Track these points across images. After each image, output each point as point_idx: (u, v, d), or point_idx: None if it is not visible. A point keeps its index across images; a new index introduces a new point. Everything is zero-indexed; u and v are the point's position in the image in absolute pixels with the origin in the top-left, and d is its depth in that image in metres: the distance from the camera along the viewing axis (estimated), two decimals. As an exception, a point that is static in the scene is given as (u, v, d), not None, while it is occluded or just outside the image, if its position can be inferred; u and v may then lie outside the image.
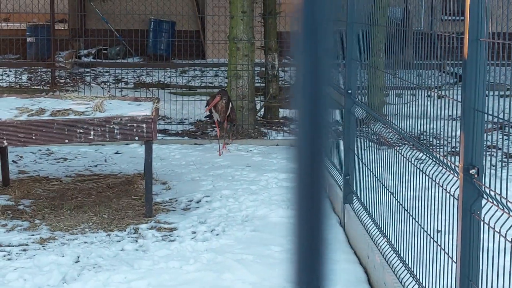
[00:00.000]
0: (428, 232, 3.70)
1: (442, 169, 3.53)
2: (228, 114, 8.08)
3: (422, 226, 3.79)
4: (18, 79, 13.36)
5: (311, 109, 1.02)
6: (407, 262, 4.02)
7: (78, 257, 4.84)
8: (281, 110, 10.38)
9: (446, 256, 3.43)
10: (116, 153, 8.04)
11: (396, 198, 4.28)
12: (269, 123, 9.82)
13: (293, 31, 1.03)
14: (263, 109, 10.13)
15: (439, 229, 3.56)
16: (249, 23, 8.95)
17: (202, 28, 17.28)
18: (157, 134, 5.92)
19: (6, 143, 5.58)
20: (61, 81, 13.69)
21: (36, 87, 12.82)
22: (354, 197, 5.41)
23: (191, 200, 6.19)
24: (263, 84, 11.03)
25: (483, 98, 3.04)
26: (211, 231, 5.38)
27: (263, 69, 10.84)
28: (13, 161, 7.41)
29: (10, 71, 13.17)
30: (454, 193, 3.29)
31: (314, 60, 1.01)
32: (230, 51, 9.03)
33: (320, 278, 1.04)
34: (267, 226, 5.46)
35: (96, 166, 7.42)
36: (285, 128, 9.68)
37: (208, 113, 8.36)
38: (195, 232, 5.36)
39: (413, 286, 3.86)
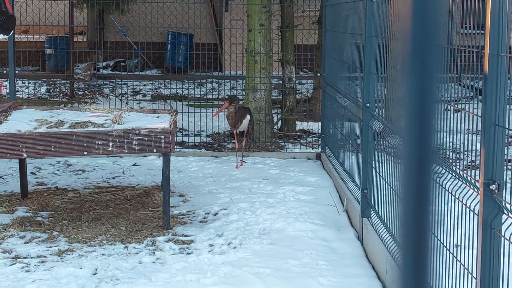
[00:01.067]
0: (447, 247, 3.68)
1: (461, 184, 3.51)
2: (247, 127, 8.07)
3: (441, 240, 3.77)
4: (37, 90, 13.45)
5: (419, 131, 1.03)
6: (425, 277, 3.99)
7: (96, 269, 4.85)
8: (298, 122, 10.38)
9: (465, 271, 3.40)
10: (134, 165, 8.07)
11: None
12: (286, 135, 9.82)
13: (402, 52, 1.04)
14: (280, 122, 10.14)
15: (458, 243, 3.54)
16: (266, 36, 8.98)
17: (220, 41, 17.33)
18: (175, 147, 5.93)
19: (25, 155, 5.61)
20: (79, 93, 13.78)
21: (54, 99, 12.91)
22: (372, 211, 5.39)
23: (208, 213, 6.19)
24: (280, 97, 11.04)
25: (503, 113, 3.03)
26: (228, 244, 5.38)
27: (280, 81, 10.85)
28: (31, 172, 7.45)
29: (29, 83, 13.27)
30: (474, 208, 3.27)
31: (422, 81, 1.02)
32: (248, 64, 9.05)
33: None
34: (284, 240, 5.45)
35: (114, 178, 7.44)
36: (302, 141, 9.67)
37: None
38: (212, 245, 5.36)
39: (432, 301, 3.83)
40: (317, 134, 9.46)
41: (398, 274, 1.07)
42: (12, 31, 6.04)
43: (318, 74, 9.51)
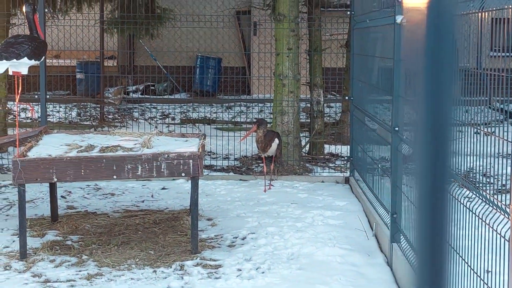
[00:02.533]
0: (477, 273, 3.64)
1: (491, 208, 3.48)
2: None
3: (471, 266, 3.73)
4: (67, 115, 13.60)
5: (433, 155, 1.03)
6: (456, 303, 3.95)
7: (125, 293, 4.86)
8: (326, 146, 10.36)
9: (496, 298, 3.36)
10: (163, 188, 8.10)
11: (444, 237, 4.22)
12: (314, 159, 9.81)
13: (417, 73, 1.05)
14: (308, 145, 10.13)
15: (489, 269, 3.50)
16: (294, 60, 9.00)
17: (248, 65, 17.42)
18: (203, 170, 5.95)
19: (55, 179, 5.67)
20: (109, 116, 13.90)
21: (85, 123, 13.04)
22: (402, 236, 5.35)
23: (236, 237, 6.19)
24: (308, 120, 11.04)
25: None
26: (257, 268, 5.36)
27: (308, 105, 10.86)
28: (62, 196, 7.52)
29: (60, 107, 13.42)
30: (504, 234, 3.24)
31: (437, 102, 1.03)
32: (276, 87, 9.07)
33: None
34: (313, 265, 5.42)
35: (143, 201, 7.48)
36: (330, 165, 9.64)
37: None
38: (240, 270, 5.35)
39: (462, 328, 3.78)
40: (346, 158, 9.44)
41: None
42: (43, 57, 6.12)
43: (346, 97, 9.50)
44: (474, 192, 3.77)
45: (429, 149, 1.06)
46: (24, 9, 6.03)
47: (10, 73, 5.73)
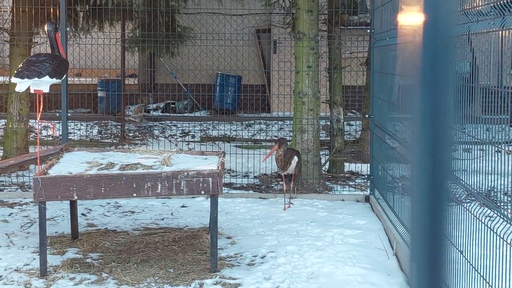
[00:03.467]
0: (499, 293, 3.60)
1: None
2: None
3: (492, 286, 3.69)
4: (89, 132, 13.69)
5: (431, 174, 1.03)
6: (477, 323, 3.91)
7: (144, 311, 4.86)
8: (346, 164, 10.33)
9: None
10: (182, 206, 8.11)
11: (465, 256, 4.19)
12: (334, 177, 9.78)
13: (411, 84, 1.05)
14: (328, 163, 10.11)
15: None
16: (314, 78, 9.01)
17: (268, 83, 17.45)
18: (223, 188, 5.95)
19: (76, 197, 5.70)
20: (130, 134, 13.97)
21: (106, 141, 13.11)
22: (422, 255, 5.29)
23: (256, 255, 6.17)
24: (328, 138, 11.02)
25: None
26: (276, 287, 5.34)
27: (328, 123, 10.85)
28: (82, 214, 7.55)
29: (81, 125, 13.51)
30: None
31: (434, 122, 1.03)
32: (295, 105, 9.08)
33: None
34: (333, 284, 5.39)
35: (162, 219, 7.49)
36: (350, 183, 9.61)
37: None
38: (260, 288, 5.33)
39: None
40: (366, 176, 9.40)
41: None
42: (65, 75, 6.17)
43: (367, 115, 9.49)
44: (495, 211, 3.74)
45: (425, 169, 1.06)
46: (46, 27, 6.09)
47: (32, 91, 5.78)
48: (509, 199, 4.97)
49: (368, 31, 9.00)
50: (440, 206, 1.03)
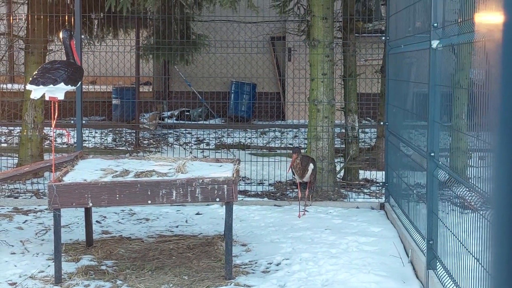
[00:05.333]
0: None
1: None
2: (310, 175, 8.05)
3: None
4: (103, 140, 13.72)
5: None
6: (494, 332, 3.86)
7: (158, 318, 4.85)
8: (361, 172, 10.30)
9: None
10: (197, 213, 8.10)
11: (482, 264, 4.15)
12: (349, 184, 9.75)
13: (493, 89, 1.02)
14: (343, 171, 10.08)
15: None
16: (329, 85, 8.99)
17: (283, 90, 17.45)
18: (238, 196, 5.94)
19: (90, 204, 5.70)
20: (144, 142, 14.00)
21: (120, 148, 13.14)
22: (438, 263, 5.27)
23: (270, 263, 6.15)
24: (343, 146, 11.00)
25: None
26: (291, 295, 5.32)
27: (343, 130, 10.82)
28: (96, 221, 7.56)
29: (96, 132, 13.55)
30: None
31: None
32: (310, 112, 9.06)
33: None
34: (347, 291, 5.36)
35: (177, 226, 7.48)
36: (365, 190, 9.58)
37: (292, 174, 8.33)
38: (274, 296, 5.30)
39: None
40: (381, 184, 9.36)
41: None
42: (79, 82, 6.19)
43: (381, 123, 9.45)
44: None
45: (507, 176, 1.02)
46: (61, 35, 6.11)
47: (47, 98, 5.79)
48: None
49: (383, 38, 8.98)
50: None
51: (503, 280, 1.04)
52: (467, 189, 4.58)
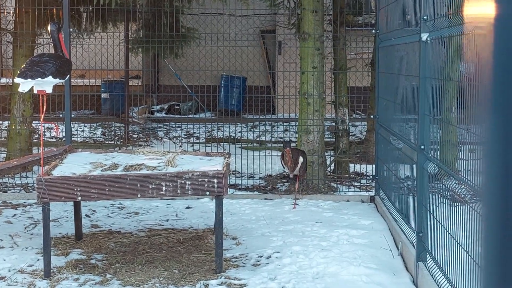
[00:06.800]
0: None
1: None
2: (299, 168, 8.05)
3: None
4: (92, 134, 13.67)
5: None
6: (484, 324, 3.87)
7: (148, 312, 4.83)
8: (351, 165, 10.30)
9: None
10: (187, 207, 8.08)
11: (472, 256, 4.15)
12: (339, 178, 9.75)
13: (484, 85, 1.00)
14: (333, 164, 10.07)
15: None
16: (319, 79, 8.98)
17: (273, 84, 17.42)
18: (228, 189, 5.92)
19: (80, 198, 5.67)
20: (134, 136, 13.95)
21: (110, 142, 13.09)
22: (428, 255, 5.27)
23: (261, 256, 6.14)
24: (333, 139, 10.99)
25: None
26: (282, 287, 5.31)
27: (333, 124, 10.82)
28: (86, 215, 7.53)
29: (85, 126, 13.49)
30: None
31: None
32: (301, 106, 9.04)
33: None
34: (338, 284, 5.36)
35: (167, 220, 7.46)
36: (355, 184, 9.58)
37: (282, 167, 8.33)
38: (265, 289, 5.30)
39: None
40: (371, 177, 9.37)
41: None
42: (68, 75, 6.15)
43: (372, 116, 9.45)
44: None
45: (499, 168, 1.01)
46: (49, 27, 6.07)
47: (35, 91, 5.75)
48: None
49: (373, 31, 8.97)
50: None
51: (494, 272, 1.03)
52: (457, 182, 4.58)
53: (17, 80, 5.70)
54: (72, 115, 8.83)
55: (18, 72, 5.78)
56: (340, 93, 10.05)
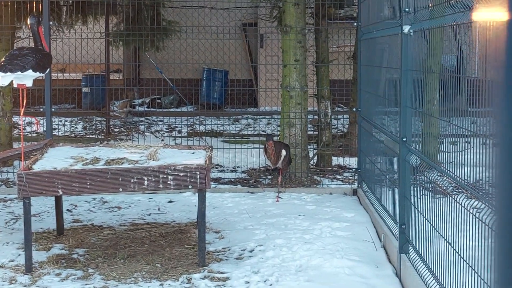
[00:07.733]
0: (489, 284, 3.57)
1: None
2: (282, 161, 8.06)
3: (482, 277, 3.67)
4: (73, 128, 13.59)
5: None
6: (467, 315, 3.89)
7: (131, 307, 4.81)
8: (334, 158, 10.31)
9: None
10: (170, 201, 8.05)
11: (454, 248, 4.16)
12: (322, 171, 9.75)
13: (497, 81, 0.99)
14: (316, 157, 10.08)
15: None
16: (301, 72, 8.97)
17: (255, 77, 17.40)
18: (210, 183, 5.90)
19: (61, 192, 5.63)
20: (115, 130, 13.89)
21: (91, 136, 13.02)
22: (410, 247, 5.28)
23: (244, 249, 6.13)
24: (316, 132, 10.99)
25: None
26: (265, 281, 5.31)
27: (316, 117, 10.82)
28: (67, 209, 7.48)
29: (66, 121, 13.41)
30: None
31: None
32: (283, 99, 9.03)
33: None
34: (321, 277, 5.36)
35: (149, 214, 7.43)
36: (338, 176, 9.59)
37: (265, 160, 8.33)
38: (248, 282, 5.29)
39: None
40: (354, 169, 9.38)
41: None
42: (48, 69, 6.09)
43: (354, 109, 9.46)
44: (483, 202, 3.71)
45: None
46: (28, 21, 6.01)
47: (15, 85, 5.69)
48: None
49: (355, 24, 8.96)
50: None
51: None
52: (439, 173, 4.59)
53: (-4, 74, 5.63)
54: (53, 109, 8.76)
55: (-3, 66, 5.71)
56: (322, 86, 10.05)
